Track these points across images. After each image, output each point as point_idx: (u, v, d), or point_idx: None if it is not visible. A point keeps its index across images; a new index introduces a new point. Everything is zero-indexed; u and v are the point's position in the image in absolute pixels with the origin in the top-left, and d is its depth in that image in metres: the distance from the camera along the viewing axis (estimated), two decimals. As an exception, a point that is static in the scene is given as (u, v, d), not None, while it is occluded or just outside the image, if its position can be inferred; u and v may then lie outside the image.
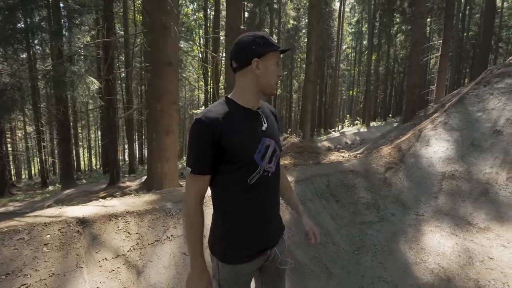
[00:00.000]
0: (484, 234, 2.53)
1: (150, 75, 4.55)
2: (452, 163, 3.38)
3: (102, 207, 2.50)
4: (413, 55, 8.97)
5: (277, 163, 1.15)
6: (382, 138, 9.57)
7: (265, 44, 1.06)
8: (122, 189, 9.92)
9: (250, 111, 1.09)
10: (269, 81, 1.08)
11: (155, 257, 2.21)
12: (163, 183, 4.54)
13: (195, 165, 1.02)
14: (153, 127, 4.55)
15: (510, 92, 3.76)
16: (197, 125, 1.00)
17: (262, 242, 1.12)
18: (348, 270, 2.40)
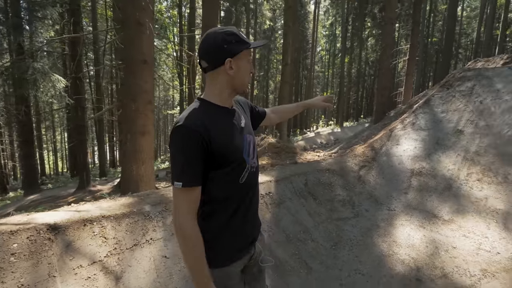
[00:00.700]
0: (448, 226, 2.75)
1: (124, 73, 4.39)
2: (420, 161, 3.62)
3: (75, 212, 2.38)
4: (383, 58, 9.44)
5: (257, 156, 1.16)
6: (355, 138, 9.98)
7: (237, 42, 0.99)
8: (93, 193, 9.45)
9: (228, 110, 1.06)
10: (242, 80, 1.04)
11: (134, 262, 2.15)
12: (139, 186, 4.40)
13: (185, 178, 0.92)
14: (128, 128, 4.39)
15: (470, 94, 4.10)
16: (181, 133, 0.92)
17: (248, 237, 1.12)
18: (326, 264, 2.49)
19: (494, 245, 2.44)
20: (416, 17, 10.14)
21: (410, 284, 2.19)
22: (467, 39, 30.18)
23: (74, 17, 9.10)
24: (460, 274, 2.23)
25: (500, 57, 7.30)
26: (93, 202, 2.69)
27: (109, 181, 12.52)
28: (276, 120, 1.49)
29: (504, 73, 4.08)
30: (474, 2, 29.08)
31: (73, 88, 9.45)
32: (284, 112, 1.52)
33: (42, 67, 7.71)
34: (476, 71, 4.38)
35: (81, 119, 9.52)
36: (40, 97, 8.12)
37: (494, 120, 3.67)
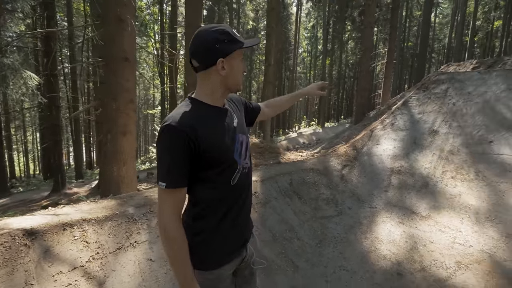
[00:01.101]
0: (426, 222, 2.89)
1: (104, 71, 4.24)
2: (399, 160, 3.77)
3: (54, 215, 2.28)
4: (363, 61, 9.75)
5: (250, 156, 1.13)
6: (336, 138, 10.23)
7: (230, 41, 0.96)
8: (69, 196, 9.04)
9: (220, 109, 1.03)
10: (236, 80, 1.02)
11: (118, 266, 2.08)
12: (120, 188, 4.26)
13: (170, 178, 0.90)
14: (108, 128, 4.24)
15: (444, 97, 4.33)
16: (168, 133, 0.89)
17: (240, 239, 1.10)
18: (312, 262, 2.54)
19: (467, 238, 2.60)
20: (394, 22, 10.56)
21: (391, 278, 2.29)
22: (439, 44, 31.80)
23: (48, 11, 8.66)
24: (437, 267, 2.36)
25: (470, 62, 7.75)
26: (73, 205, 2.58)
27: (86, 183, 12.04)
28: (271, 114, 1.46)
29: (474, 77, 4.34)
30: (446, 10, 30.70)
31: (46, 86, 8.98)
32: (279, 105, 1.48)
33: (12, 63, 7.28)
34: (449, 75, 4.64)
35: (56, 119, 9.08)
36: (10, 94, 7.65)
37: (466, 121, 3.90)
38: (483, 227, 2.68)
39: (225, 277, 1.07)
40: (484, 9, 24.40)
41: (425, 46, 15.49)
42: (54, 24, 9.04)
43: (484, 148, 3.47)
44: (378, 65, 22.17)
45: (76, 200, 7.40)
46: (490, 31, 25.01)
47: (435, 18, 27.95)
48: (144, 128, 37.96)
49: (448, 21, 28.88)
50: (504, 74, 4.11)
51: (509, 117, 3.64)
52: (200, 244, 1.01)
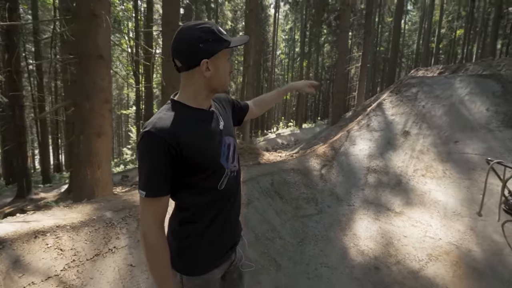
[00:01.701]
0: (400, 217, 3.05)
1: (77, 69, 4.04)
2: (374, 159, 3.95)
3: (23, 223, 2.14)
4: (338, 64, 10.08)
5: (238, 159, 1.09)
6: (314, 139, 10.48)
7: (215, 40, 0.90)
8: (36, 202, 8.48)
9: (205, 112, 0.98)
10: (221, 81, 0.97)
11: (97, 273, 2.00)
12: (95, 192, 4.08)
13: (149, 187, 0.86)
14: (82, 129, 4.04)
15: (415, 99, 4.60)
16: (147, 139, 0.85)
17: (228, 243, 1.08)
18: (294, 260, 2.59)
19: (437, 232, 2.79)
20: (368, 28, 11.02)
21: (369, 272, 2.39)
22: (408, 49, 33.63)
23: (10, 2, 8.07)
24: (411, 259, 2.50)
25: (436, 67, 8.30)
26: (45, 211, 2.43)
27: (54, 188, 11.36)
28: (259, 112, 1.42)
29: (441, 81, 4.66)
30: (415, 17, 32.55)
31: (8, 84, 8.37)
32: (266, 101, 1.45)
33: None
34: (419, 79, 4.94)
35: (19, 119, 8.47)
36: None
37: (434, 122, 4.17)
38: (450, 221, 2.89)
39: (213, 282, 1.05)
40: (448, 18, 26.19)
41: (396, 51, 16.34)
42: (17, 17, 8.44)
43: (451, 147, 3.74)
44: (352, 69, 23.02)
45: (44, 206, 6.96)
46: (453, 38, 26.88)
47: (405, 25, 29.55)
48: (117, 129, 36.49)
49: (417, 28, 30.65)
50: (467, 79, 4.46)
51: (471, 119, 3.95)
52: (187, 249, 0.98)
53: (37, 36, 11.70)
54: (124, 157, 21.18)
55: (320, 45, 25.05)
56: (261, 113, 1.49)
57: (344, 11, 9.97)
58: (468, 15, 23.19)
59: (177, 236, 1.00)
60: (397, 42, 16.21)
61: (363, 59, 10.99)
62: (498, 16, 16.67)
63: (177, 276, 1.00)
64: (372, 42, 19.29)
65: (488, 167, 2.81)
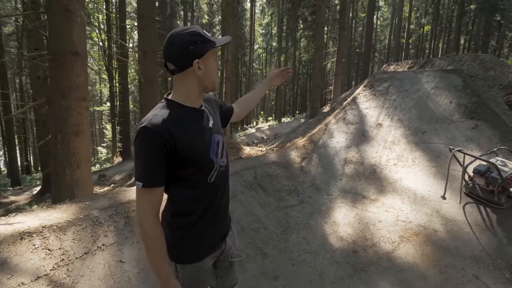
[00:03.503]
0: (374, 204, 3.30)
1: (51, 66, 3.88)
2: (350, 151, 4.19)
3: (7, 225, 2.11)
4: (315, 59, 10.32)
5: (226, 155, 1.18)
6: (293, 132, 10.72)
7: (203, 42, 0.99)
8: (6, 206, 8.06)
9: (197, 110, 1.06)
10: (211, 79, 1.06)
11: (87, 271, 2.03)
12: (75, 192, 3.98)
13: (146, 178, 0.94)
14: (58, 128, 3.91)
15: (386, 93, 4.89)
16: (144, 134, 0.92)
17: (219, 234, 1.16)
18: (279, 249, 2.74)
19: (407, 216, 3.05)
20: (342, 23, 11.35)
21: (348, 256, 2.60)
22: (381, 44, 34.92)
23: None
24: (385, 242, 2.74)
25: (406, 62, 8.77)
26: (28, 212, 2.39)
27: (25, 190, 10.79)
28: (243, 114, 1.49)
29: (410, 76, 4.99)
30: (386, 13, 33.76)
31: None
32: (247, 100, 1.52)
33: None
34: (390, 74, 5.24)
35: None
36: None
37: (404, 115, 4.48)
38: (419, 205, 3.17)
39: (206, 269, 1.15)
40: (416, 15, 27.46)
41: (369, 46, 16.94)
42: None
43: (419, 138, 4.05)
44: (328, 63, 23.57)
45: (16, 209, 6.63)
46: (421, 34, 28.24)
47: (377, 21, 30.60)
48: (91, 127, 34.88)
49: (388, 23, 31.85)
50: (433, 74, 4.81)
51: (437, 111, 4.29)
52: (180, 240, 1.06)
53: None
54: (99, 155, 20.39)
55: (297, 39, 25.35)
56: (245, 113, 1.54)
57: (319, 7, 10.20)
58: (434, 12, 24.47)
59: (170, 228, 1.07)
60: (370, 37, 16.80)
61: (338, 54, 11.33)
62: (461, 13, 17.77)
63: (172, 264, 1.09)
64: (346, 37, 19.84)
65: (450, 154, 3.11)
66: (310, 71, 27.52)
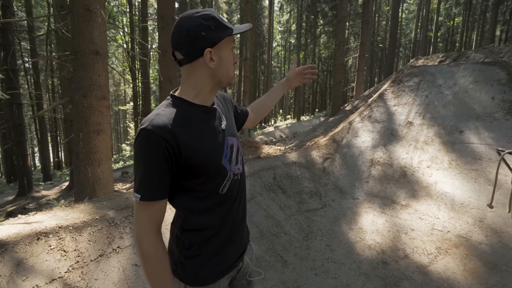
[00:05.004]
0: (406, 210, 3.02)
1: (73, 66, 3.94)
2: (378, 151, 3.90)
3: (25, 224, 2.09)
4: (337, 55, 9.93)
5: (242, 161, 1.01)
6: (313, 131, 10.41)
7: (218, 27, 0.82)
8: (37, 200, 8.48)
9: (207, 109, 0.90)
10: (226, 72, 0.89)
11: (101, 274, 1.96)
12: (96, 190, 4.03)
13: (145, 190, 0.79)
14: (80, 127, 3.97)
15: (417, 89, 4.53)
16: (144, 138, 0.78)
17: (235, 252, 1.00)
18: (300, 256, 2.56)
19: (445, 224, 2.76)
20: (366, 17, 10.85)
21: (377, 267, 2.37)
22: (406, 38, 33.35)
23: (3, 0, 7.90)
24: (419, 253, 2.48)
25: (436, 55, 8.19)
26: (46, 212, 2.39)
27: (55, 185, 11.35)
28: (257, 119, 1.33)
29: (444, 70, 4.58)
30: (412, 6, 32.17)
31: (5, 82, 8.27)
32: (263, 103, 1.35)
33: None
34: (421, 68, 4.85)
35: (18, 117, 8.41)
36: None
37: (438, 112, 4.11)
38: (458, 213, 2.86)
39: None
40: (446, 5, 25.89)
41: (394, 40, 16.15)
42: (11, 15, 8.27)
43: (456, 137, 3.69)
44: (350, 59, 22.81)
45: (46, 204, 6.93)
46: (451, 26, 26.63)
47: (402, 13, 29.22)
48: (115, 125, 36.35)
49: (414, 16, 30.33)
50: (471, 67, 4.38)
51: (476, 108, 3.89)
52: (190, 259, 0.91)
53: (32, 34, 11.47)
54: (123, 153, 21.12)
55: (317, 36, 24.77)
56: (260, 119, 1.35)
57: (341, 1, 9.79)
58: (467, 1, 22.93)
59: (179, 245, 0.93)
60: (395, 31, 16.00)
61: (361, 49, 10.85)
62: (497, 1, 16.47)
63: (180, 285, 0.94)
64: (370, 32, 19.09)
65: (499, 157, 2.75)
66: (330, 68, 26.83)
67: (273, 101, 1.37)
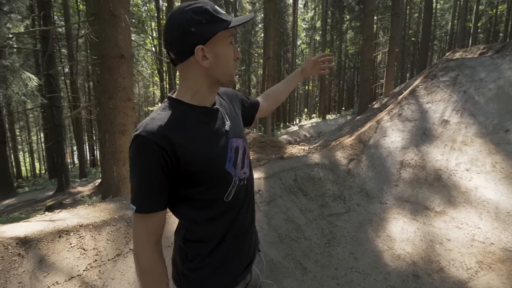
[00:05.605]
0: (441, 218, 2.74)
1: (100, 69, 4.10)
2: (408, 152, 3.61)
3: (50, 222, 2.17)
4: (364, 50, 9.50)
5: (249, 164, 0.93)
6: (339, 130, 10.05)
7: (210, 21, 0.74)
8: (73, 196, 9.05)
9: (207, 110, 0.83)
10: (225, 70, 0.80)
11: (118, 274, 1.97)
12: (121, 188, 4.16)
13: (141, 201, 0.74)
14: (106, 127, 4.12)
15: (454, 84, 4.14)
16: (138, 145, 0.72)
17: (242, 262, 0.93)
18: (321, 264, 2.41)
19: (487, 235, 2.45)
20: (396, 9, 10.25)
21: (407, 280, 2.16)
22: (441, 31, 31.20)
23: (44, 10, 8.52)
24: (457, 267, 2.22)
25: (477, 47, 7.51)
26: (70, 210, 2.47)
27: (90, 182, 12.05)
28: (271, 106, 1.26)
29: (486, 63, 4.14)
30: (448, -5, 30.01)
31: (47, 86, 8.92)
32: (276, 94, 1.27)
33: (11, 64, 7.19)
34: (459, 61, 4.43)
35: (57, 119, 9.04)
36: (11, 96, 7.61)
37: (479, 109, 3.72)
38: (504, 223, 2.53)
39: None
40: (487, -7, 23.82)
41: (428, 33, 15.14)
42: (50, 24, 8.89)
43: (500, 137, 3.29)
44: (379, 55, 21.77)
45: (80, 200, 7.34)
46: (494, 15, 24.44)
47: (436, 4, 27.35)
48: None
49: (451, 6, 28.26)
50: (518, 59, 3.91)
51: (525, 104, 3.46)
52: (194, 271, 0.85)
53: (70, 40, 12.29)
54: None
55: (343, 32, 23.97)
56: (275, 106, 1.29)
57: (370, -6, 9.33)
58: (512, -12, 20.91)
59: (182, 256, 0.87)
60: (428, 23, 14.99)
61: (390, 43, 10.27)
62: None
63: None
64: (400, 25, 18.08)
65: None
66: (357, 65, 25.86)
67: (288, 90, 1.31)
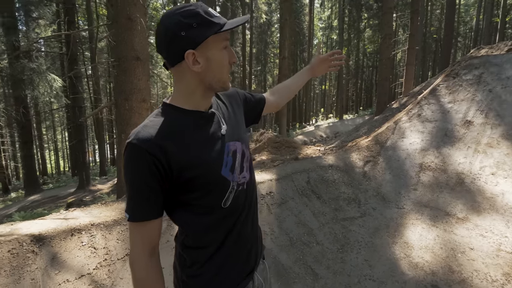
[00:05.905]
0: (463, 225, 2.58)
1: (117, 71, 4.20)
2: (428, 154, 3.44)
3: (63, 220, 2.22)
4: (383, 49, 9.19)
5: (250, 167, 0.90)
6: (356, 131, 9.79)
7: (201, 25, 0.72)
8: (93, 193, 9.37)
9: (202, 115, 0.81)
10: (218, 76, 0.78)
11: (126, 273, 1.99)
12: (135, 188, 4.24)
13: (134, 209, 0.73)
14: (122, 128, 4.22)
15: (478, 83, 3.90)
16: (129, 153, 0.71)
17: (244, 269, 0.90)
18: (334, 270, 2.33)
19: (515, 245, 2.28)
20: (415, 6, 9.87)
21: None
22: (465, 27, 29.82)
23: (69, 16, 8.91)
24: (480, 279, 2.07)
25: (504, 43, 7.07)
26: (83, 208, 2.52)
27: (109, 180, 12.44)
28: (282, 102, 1.23)
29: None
30: (473, -10, 28.64)
31: (70, 88, 9.33)
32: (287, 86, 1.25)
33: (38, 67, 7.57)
34: (483, 59, 4.18)
35: (80, 119, 9.41)
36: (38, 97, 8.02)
37: (505, 109, 3.48)
38: (534, 232, 2.35)
39: None
40: (517, -14, 22.48)
41: (451, 30, 14.47)
42: (74, 28, 9.28)
43: (530, 139, 3.07)
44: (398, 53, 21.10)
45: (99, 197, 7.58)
46: (524, 10, 23.03)
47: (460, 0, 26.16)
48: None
49: (475, 1, 26.94)
50: (551, 55, 3.64)
51: (559, 103, 3.21)
52: (193, 278, 0.83)
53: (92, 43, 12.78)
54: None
55: (361, 30, 23.42)
56: (285, 101, 1.26)
57: (388, -10, 9.02)
58: (545, -20, 19.63)
59: (181, 262, 0.86)
60: (451, 20, 14.31)
61: (410, 41, 9.89)
62: None
63: None
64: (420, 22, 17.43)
65: None
66: (376, 63, 25.18)
67: (297, 85, 1.29)
